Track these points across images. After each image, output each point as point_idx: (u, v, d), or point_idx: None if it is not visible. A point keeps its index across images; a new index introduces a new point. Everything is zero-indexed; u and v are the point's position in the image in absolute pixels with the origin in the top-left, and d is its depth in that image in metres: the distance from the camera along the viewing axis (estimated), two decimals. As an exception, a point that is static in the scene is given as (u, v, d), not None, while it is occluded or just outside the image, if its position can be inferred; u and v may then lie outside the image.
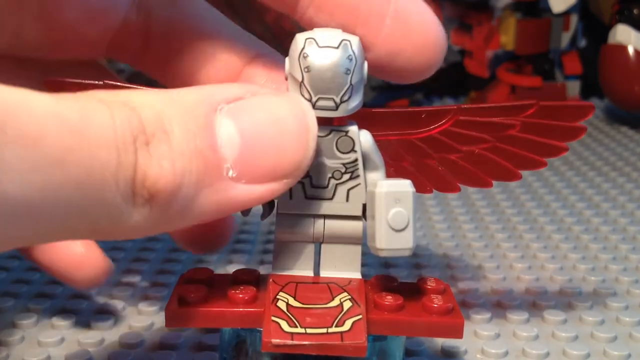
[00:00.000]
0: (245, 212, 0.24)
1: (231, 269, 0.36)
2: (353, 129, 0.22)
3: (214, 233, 0.29)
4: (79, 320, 0.30)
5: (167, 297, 0.23)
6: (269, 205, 0.23)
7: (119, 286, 0.34)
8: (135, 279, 0.34)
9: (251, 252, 0.38)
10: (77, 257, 0.27)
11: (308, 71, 0.21)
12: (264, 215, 0.24)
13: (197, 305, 0.22)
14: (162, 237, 0.40)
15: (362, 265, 0.24)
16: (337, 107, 0.22)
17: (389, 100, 0.64)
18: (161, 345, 0.29)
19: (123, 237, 0.18)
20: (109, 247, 0.38)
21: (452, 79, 0.73)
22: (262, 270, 0.24)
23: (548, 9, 0.64)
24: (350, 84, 0.21)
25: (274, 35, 0.55)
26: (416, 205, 0.22)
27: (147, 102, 0.18)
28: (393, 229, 0.21)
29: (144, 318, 0.31)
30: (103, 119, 0.17)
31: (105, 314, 0.31)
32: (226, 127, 0.19)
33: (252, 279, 0.23)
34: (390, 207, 0.21)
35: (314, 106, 0.21)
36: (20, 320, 0.30)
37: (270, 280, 0.23)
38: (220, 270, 0.36)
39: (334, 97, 0.21)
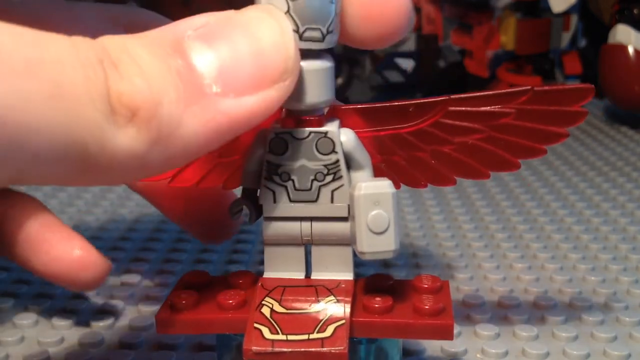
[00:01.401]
0: (236, 214, 0.23)
1: (231, 268, 0.36)
2: (332, 130, 0.22)
3: (223, 220, 0.29)
4: (79, 320, 0.30)
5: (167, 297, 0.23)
6: (255, 209, 0.23)
7: (119, 286, 0.34)
8: (135, 279, 0.34)
9: (251, 252, 0.38)
10: (78, 258, 0.27)
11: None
12: (251, 219, 0.23)
13: (187, 311, 0.22)
14: (162, 236, 0.40)
15: (361, 264, 0.24)
16: (323, 38, 0.21)
17: (388, 100, 0.64)
18: (161, 345, 0.29)
19: (120, 169, 0.18)
20: (109, 247, 0.38)
21: (452, 79, 0.73)
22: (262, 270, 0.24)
23: (548, 9, 0.64)
24: (335, 14, 0.21)
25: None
26: (397, 205, 0.21)
27: (107, 36, 0.18)
28: (373, 231, 0.21)
29: (144, 318, 0.30)
30: (62, 41, 0.17)
31: (105, 314, 0.31)
32: (197, 48, 0.19)
33: (247, 281, 0.23)
34: (369, 210, 0.21)
35: (300, 37, 0.20)
36: (20, 320, 0.30)
37: (259, 284, 0.23)
38: (219, 270, 0.36)
39: (321, 28, 0.21)
